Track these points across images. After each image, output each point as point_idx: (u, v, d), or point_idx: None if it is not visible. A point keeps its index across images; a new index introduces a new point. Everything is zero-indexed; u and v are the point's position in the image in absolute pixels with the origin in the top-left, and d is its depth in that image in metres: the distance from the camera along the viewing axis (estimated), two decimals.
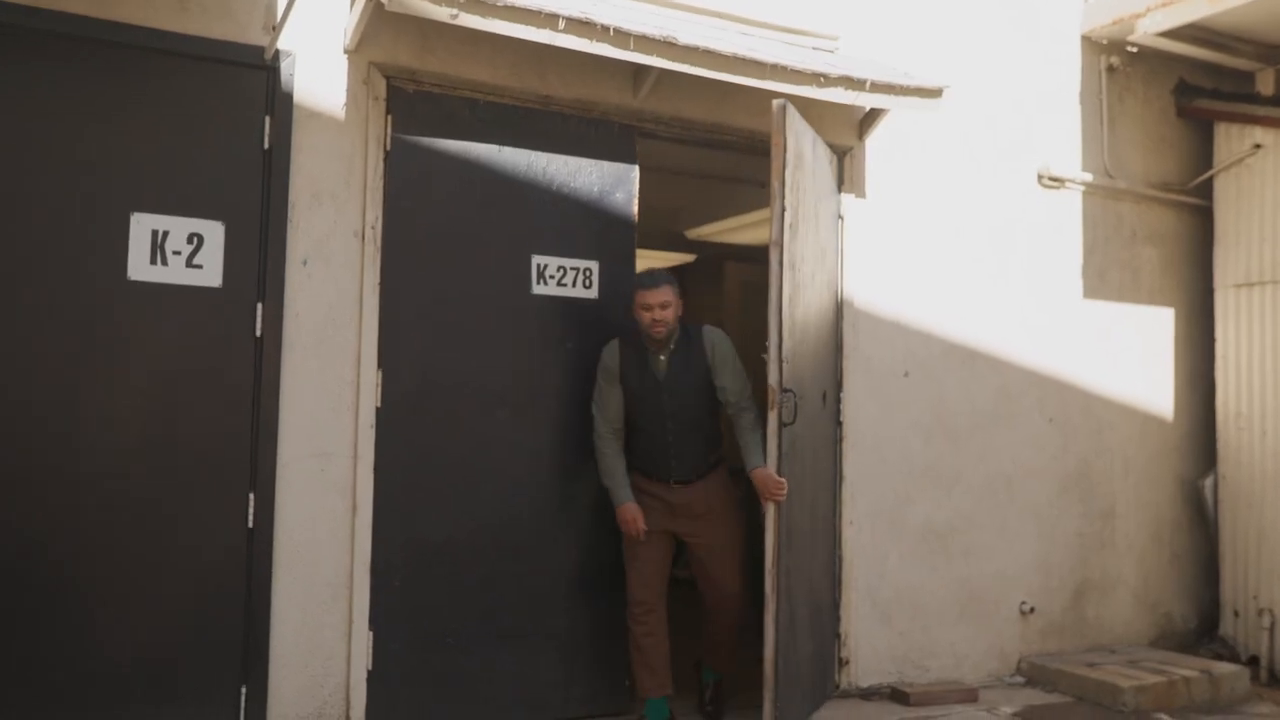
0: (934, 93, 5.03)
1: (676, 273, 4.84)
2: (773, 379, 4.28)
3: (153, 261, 3.94)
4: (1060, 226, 6.13)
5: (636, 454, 4.57)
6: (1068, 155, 6.17)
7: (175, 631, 3.94)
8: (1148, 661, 5.80)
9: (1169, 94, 6.63)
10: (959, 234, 5.77)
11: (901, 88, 4.94)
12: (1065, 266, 6.15)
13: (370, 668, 4.25)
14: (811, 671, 4.86)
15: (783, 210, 4.32)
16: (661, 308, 4.38)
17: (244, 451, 4.07)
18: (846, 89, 4.81)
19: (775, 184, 4.33)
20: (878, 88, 4.85)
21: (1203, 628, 6.57)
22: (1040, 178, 6.06)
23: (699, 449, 4.55)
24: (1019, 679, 5.76)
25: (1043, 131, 6.09)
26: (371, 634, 4.26)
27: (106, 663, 3.82)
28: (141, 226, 3.92)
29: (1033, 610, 5.87)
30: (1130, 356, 6.35)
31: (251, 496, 4.07)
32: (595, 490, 4.62)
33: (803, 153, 4.58)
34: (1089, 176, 6.18)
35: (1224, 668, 5.70)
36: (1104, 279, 6.29)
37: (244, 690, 4.02)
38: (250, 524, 4.07)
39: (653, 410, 4.48)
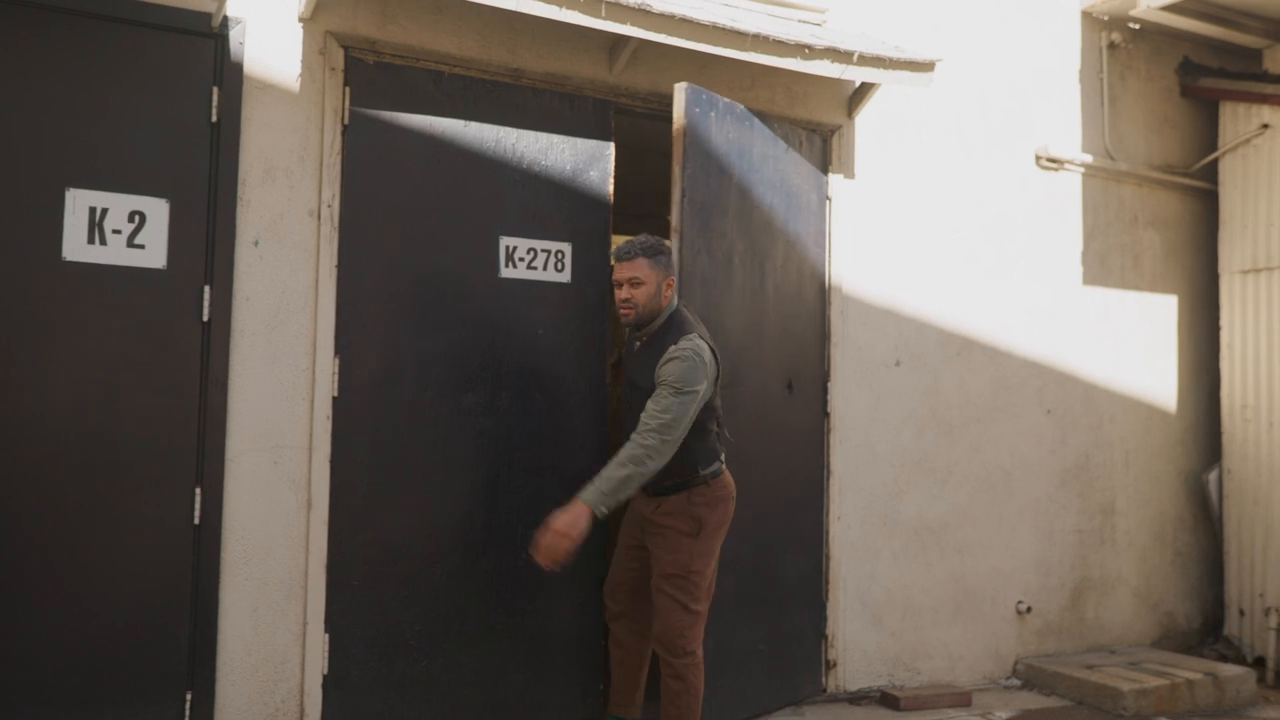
0: (926, 66, 4.79)
1: None
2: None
3: (90, 241, 3.70)
4: (1059, 210, 5.88)
5: None
6: (1067, 136, 5.93)
7: (116, 633, 3.70)
8: (1149, 663, 5.56)
9: (1173, 72, 6.38)
10: (954, 217, 5.52)
11: (891, 61, 4.69)
12: (1065, 252, 5.90)
13: (326, 671, 4.01)
14: (762, 668, 4.62)
15: (682, 195, 4.15)
16: (631, 284, 3.72)
17: (190, 443, 3.83)
18: (833, 62, 4.57)
19: (675, 169, 4.16)
20: (866, 60, 4.61)
21: (1207, 628, 6.33)
22: (1038, 159, 5.81)
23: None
24: (1015, 681, 5.53)
25: (1041, 111, 5.84)
26: (328, 636, 4.02)
27: (42, 665, 3.58)
28: (78, 203, 3.68)
29: (1030, 610, 5.63)
30: (1132, 346, 6.11)
31: (198, 491, 3.83)
32: (566, 480, 4.37)
33: (711, 135, 4.31)
34: (1089, 158, 5.93)
35: (1229, 669, 5.46)
36: (1105, 265, 6.04)
37: (189, 696, 3.79)
38: (196, 520, 3.83)
39: (625, 402, 4.02)
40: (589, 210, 4.57)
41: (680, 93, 4.20)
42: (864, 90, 5.12)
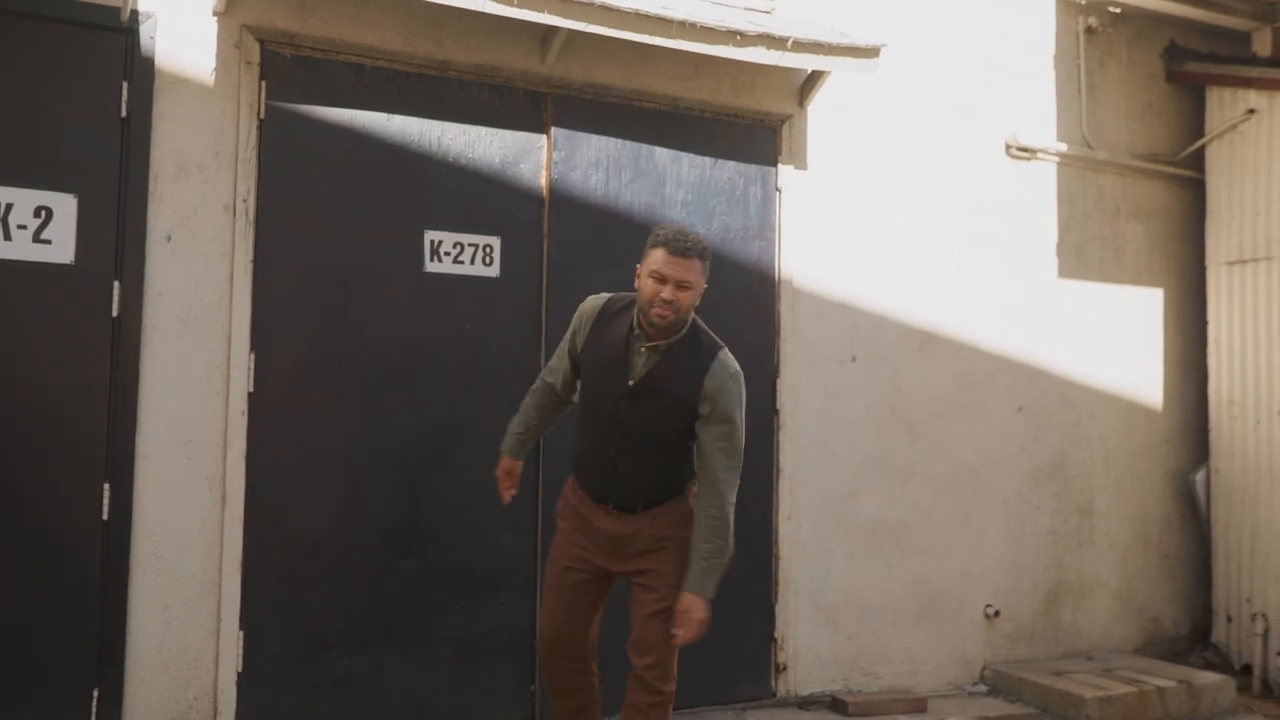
0: (869, 52, 4.65)
1: None
2: None
3: None
4: (1032, 200, 5.69)
5: (576, 456, 3.47)
6: (1040, 124, 5.74)
7: (22, 629, 3.69)
8: (1124, 670, 5.35)
9: (1157, 57, 6.17)
10: (916, 208, 5.36)
11: (831, 47, 4.56)
12: (1038, 244, 5.71)
13: (241, 669, 3.98)
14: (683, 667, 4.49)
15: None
16: (680, 286, 3.15)
17: (99, 439, 3.82)
18: (768, 48, 4.46)
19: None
20: (802, 47, 4.49)
21: (1196, 634, 6.09)
22: (1008, 148, 5.63)
23: (645, 482, 3.34)
24: (982, 687, 5.35)
25: (1011, 99, 5.66)
26: (243, 634, 3.99)
27: None
28: None
29: (998, 614, 5.45)
30: (1113, 341, 5.90)
31: (106, 487, 3.81)
32: (494, 480, 4.28)
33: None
34: (1063, 147, 5.74)
35: (1206, 677, 5.24)
36: (1082, 257, 5.84)
37: (97, 693, 3.77)
38: (105, 516, 3.81)
39: (605, 410, 3.30)
40: (520, 204, 4.50)
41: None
42: (814, 79, 4.99)
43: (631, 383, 3.24)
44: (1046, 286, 5.71)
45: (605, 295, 3.41)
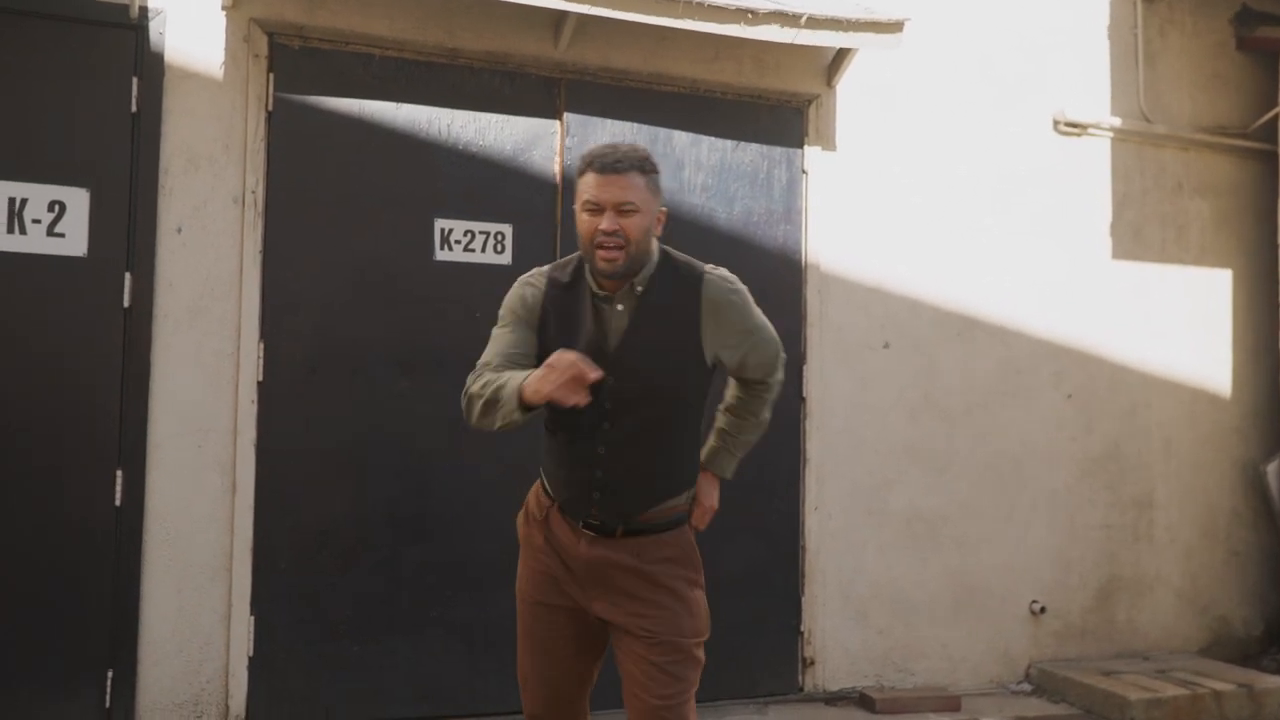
0: (891, 27, 4.48)
1: None
2: None
3: (10, 230, 3.82)
4: (1083, 178, 5.43)
5: (552, 473, 2.63)
6: (1092, 98, 5.46)
7: (38, 612, 3.81)
8: (1180, 671, 5.08)
9: (1226, 24, 5.82)
10: (954, 189, 5.16)
11: (849, 22, 4.41)
12: (1090, 224, 5.44)
13: (252, 653, 4.04)
14: None
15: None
16: (621, 211, 2.41)
17: (112, 427, 3.92)
18: (782, 26, 4.33)
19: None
20: (818, 23, 4.35)
21: (1270, 636, 5.75)
22: (1056, 124, 5.37)
23: (649, 479, 2.56)
24: (1026, 686, 5.14)
25: (1059, 72, 5.40)
26: (253, 619, 4.05)
27: None
28: None
29: (1044, 610, 5.22)
30: (1174, 325, 5.59)
31: (119, 474, 3.91)
32: (505, 469, 4.27)
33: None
34: (1118, 121, 5.45)
35: (1270, 681, 4.94)
36: (1140, 237, 5.55)
37: (111, 674, 3.87)
38: (118, 502, 3.91)
39: (606, 394, 2.47)
40: (532, 191, 4.46)
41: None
42: (842, 57, 4.84)
43: (615, 345, 2.48)
44: (1100, 268, 5.44)
45: (535, 272, 2.63)
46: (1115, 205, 5.49)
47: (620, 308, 2.50)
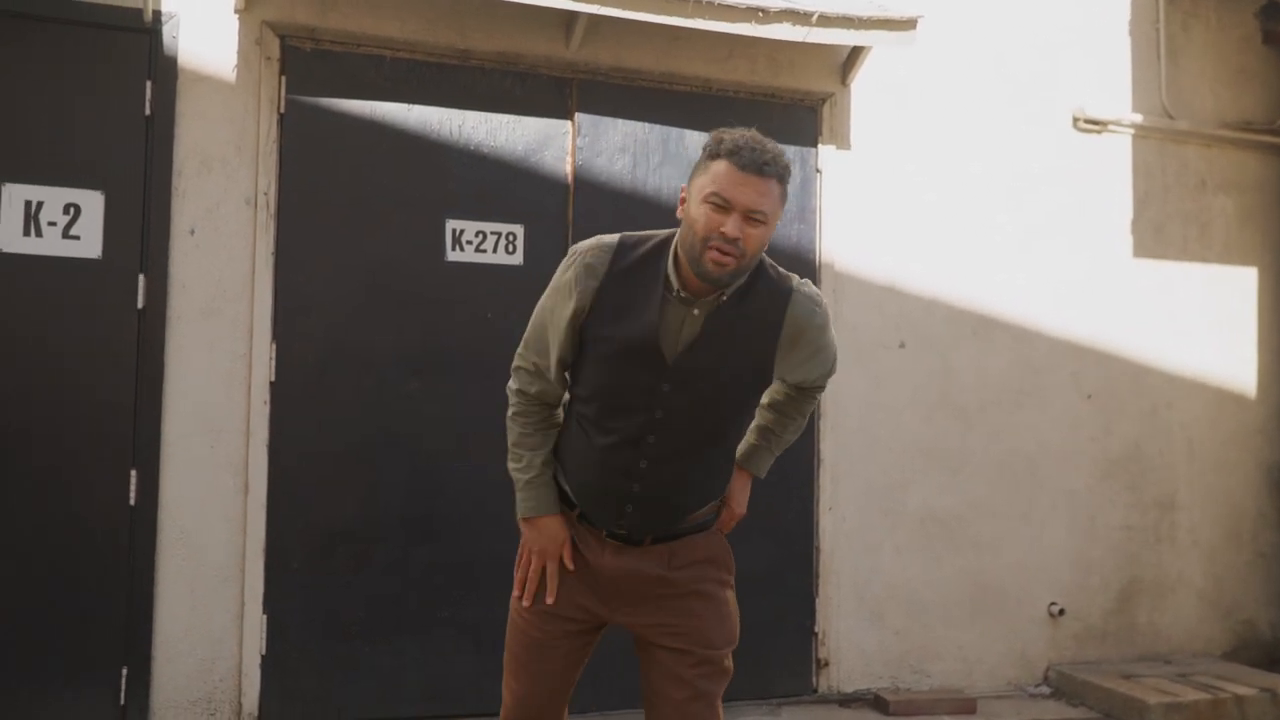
0: (904, 24, 4.45)
1: None
2: None
3: (26, 233, 3.87)
4: (1103, 176, 5.36)
5: (576, 478, 2.43)
6: (1112, 95, 5.39)
7: (54, 610, 3.86)
8: (1203, 675, 5.01)
9: (1252, 17, 5.72)
10: (970, 188, 5.11)
11: (862, 20, 4.38)
12: (1110, 222, 5.38)
13: (264, 652, 4.07)
14: None
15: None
16: (751, 219, 2.17)
17: (126, 427, 3.96)
18: (793, 24, 4.31)
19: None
20: (829, 21, 4.32)
21: None
22: (1076, 121, 5.31)
23: (686, 492, 2.42)
24: (1045, 689, 5.08)
25: (1078, 69, 5.33)
26: (266, 618, 4.08)
27: None
28: (14, 197, 3.85)
29: (1063, 612, 5.16)
30: (1197, 324, 5.51)
31: (134, 473, 3.95)
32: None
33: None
34: (1139, 118, 5.38)
35: None
36: (1162, 235, 5.47)
37: (125, 671, 3.92)
38: (132, 501, 3.95)
39: (634, 403, 2.31)
40: (543, 191, 4.47)
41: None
42: (856, 55, 4.81)
43: (681, 349, 2.26)
44: (1120, 267, 5.37)
45: (612, 237, 2.35)
46: (1136, 203, 5.42)
47: (696, 313, 2.26)
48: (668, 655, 2.37)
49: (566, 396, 2.45)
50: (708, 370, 2.28)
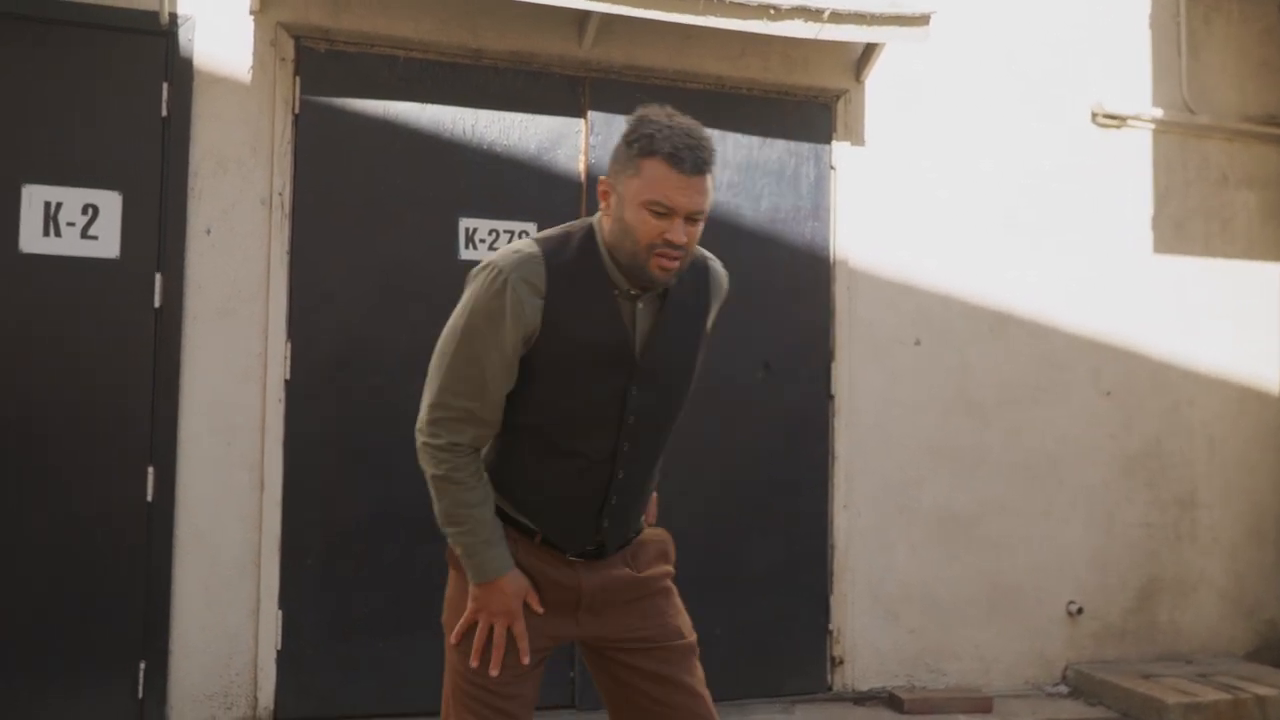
0: (917, 21, 4.43)
1: None
2: None
3: (45, 234, 3.93)
4: (1122, 172, 5.31)
5: (534, 502, 2.20)
6: (1132, 90, 5.34)
7: (73, 605, 3.91)
8: (1224, 675, 4.96)
9: (1276, 10, 5.65)
10: (987, 184, 5.08)
11: (874, 17, 4.36)
12: (1130, 218, 5.33)
13: (279, 648, 4.11)
14: (720, 655, 4.42)
15: None
16: (692, 219, 2.03)
17: (144, 424, 4.01)
18: (805, 21, 4.30)
19: None
20: (841, 18, 4.31)
21: None
22: (1094, 116, 5.27)
23: (649, 485, 2.32)
24: (1063, 689, 5.05)
25: (1096, 64, 5.29)
26: (281, 614, 4.12)
27: None
28: (34, 198, 3.92)
29: (1081, 611, 5.12)
30: (1219, 321, 5.45)
31: (151, 471, 4.00)
32: None
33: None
34: (1159, 113, 5.33)
35: None
36: (1182, 230, 5.42)
37: (143, 665, 3.97)
38: (150, 498, 4.00)
39: (603, 415, 2.14)
40: (556, 189, 4.48)
41: None
42: (870, 52, 4.79)
43: (641, 350, 2.13)
44: (1140, 263, 5.33)
45: (529, 245, 2.11)
46: (1156, 198, 5.37)
47: (642, 306, 2.14)
48: (647, 659, 2.22)
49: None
50: (667, 363, 2.18)
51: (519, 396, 2.12)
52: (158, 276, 4.03)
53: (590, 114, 4.52)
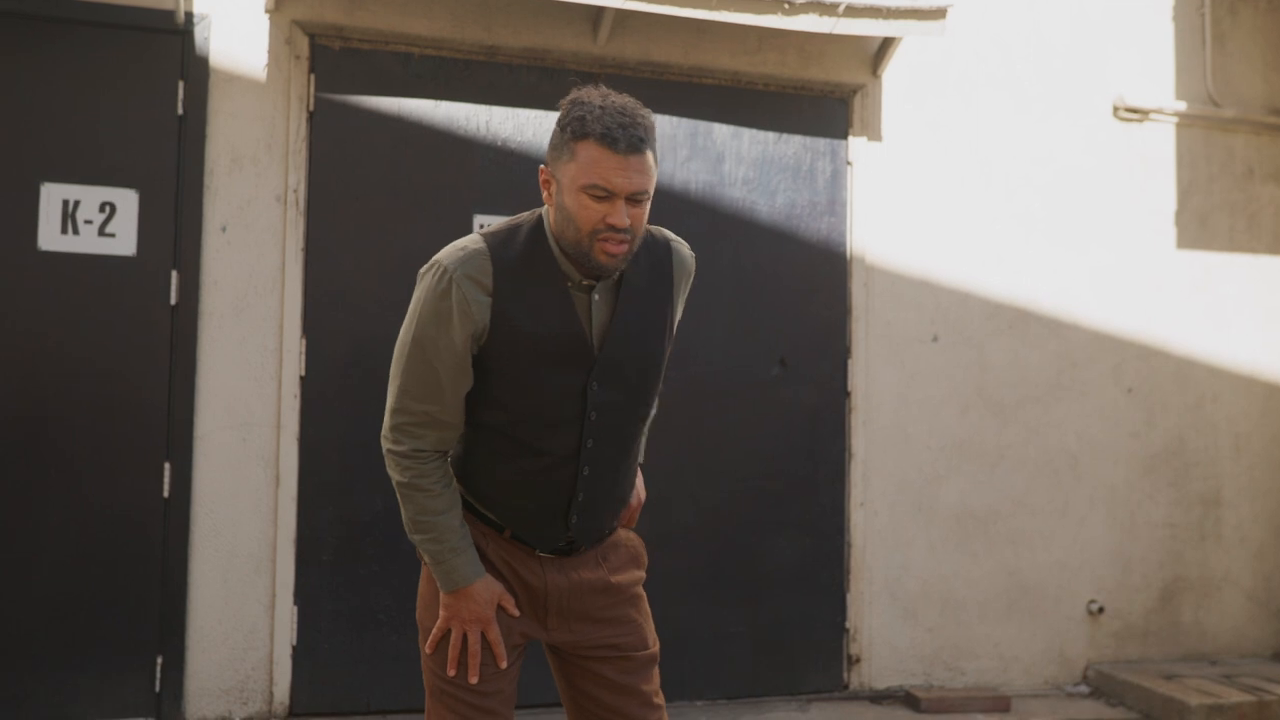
0: (933, 14, 4.39)
1: None
2: None
3: (64, 231, 3.97)
4: (1144, 166, 5.25)
5: (489, 494, 2.17)
6: (1154, 83, 5.27)
7: (91, 598, 3.95)
8: (1248, 677, 4.89)
9: None
10: (1006, 179, 5.03)
11: (890, 10, 4.33)
12: (1153, 213, 5.26)
13: (295, 643, 4.14)
14: (739, 653, 4.43)
15: None
16: (635, 200, 1.95)
17: (160, 420, 4.04)
18: (820, 15, 4.27)
19: None
20: (856, 12, 4.27)
21: None
22: (1116, 110, 5.20)
23: (623, 482, 2.22)
24: (1083, 688, 5.00)
25: (1118, 57, 5.22)
26: (297, 609, 4.14)
27: (16, 627, 3.87)
28: (52, 197, 3.96)
29: (1102, 610, 5.06)
30: (1245, 317, 5.38)
31: (167, 466, 4.03)
32: None
33: None
34: (1183, 106, 5.26)
35: None
36: (1207, 225, 5.34)
37: (160, 659, 4.00)
38: (166, 494, 4.03)
39: (564, 413, 2.08)
40: None
41: None
42: (887, 46, 4.75)
43: (600, 342, 2.07)
44: (1163, 259, 5.26)
45: (474, 240, 2.05)
46: (1180, 193, 5.30)
47: (598, 298, 2.06)
48: (610, 668, 2.17)
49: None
50: (629, 353, 2.10)
51: (479, 395, 2.08)
52: (174, 274, 4.06)
53: None
